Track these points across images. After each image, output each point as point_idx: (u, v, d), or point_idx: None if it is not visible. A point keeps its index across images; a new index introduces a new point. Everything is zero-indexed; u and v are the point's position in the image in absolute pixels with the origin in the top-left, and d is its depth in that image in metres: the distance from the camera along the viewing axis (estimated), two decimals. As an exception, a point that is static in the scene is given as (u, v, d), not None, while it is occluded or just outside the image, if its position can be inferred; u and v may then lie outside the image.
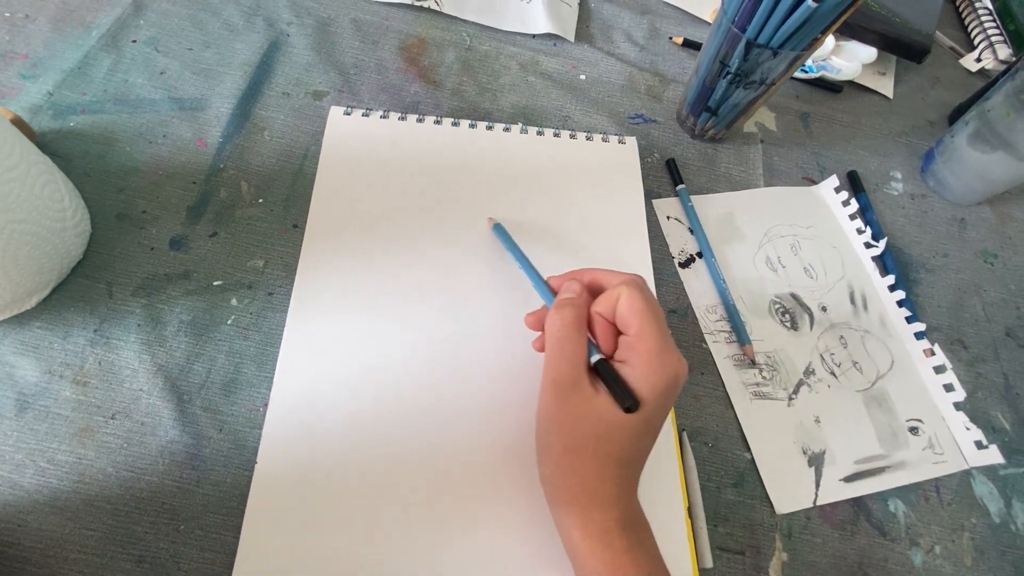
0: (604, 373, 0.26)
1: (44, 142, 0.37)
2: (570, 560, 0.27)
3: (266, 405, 0.31)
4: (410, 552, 0.28)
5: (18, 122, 0.35)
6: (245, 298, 0.34)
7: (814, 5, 0.33)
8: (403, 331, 0.34)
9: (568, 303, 0.28)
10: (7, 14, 0.42)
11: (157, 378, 0.31)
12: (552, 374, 0.26)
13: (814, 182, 0.46)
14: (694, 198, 0.42)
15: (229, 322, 0.33)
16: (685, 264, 0.40)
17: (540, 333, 0.30)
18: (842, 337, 0.39)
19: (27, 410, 0.30)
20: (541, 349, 0.29)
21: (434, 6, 0.49)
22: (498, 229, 0.36)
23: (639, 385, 0.25)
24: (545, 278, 0.31)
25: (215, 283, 0.34)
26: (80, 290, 0.33)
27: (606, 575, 0.24)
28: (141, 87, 0.41)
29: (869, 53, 0.51)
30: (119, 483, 0.29)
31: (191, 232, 0.36)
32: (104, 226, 0.35)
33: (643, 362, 0.25)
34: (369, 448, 0.30)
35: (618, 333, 0.28)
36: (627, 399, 0.25)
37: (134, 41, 0.43)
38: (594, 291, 0.29)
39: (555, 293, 0.30)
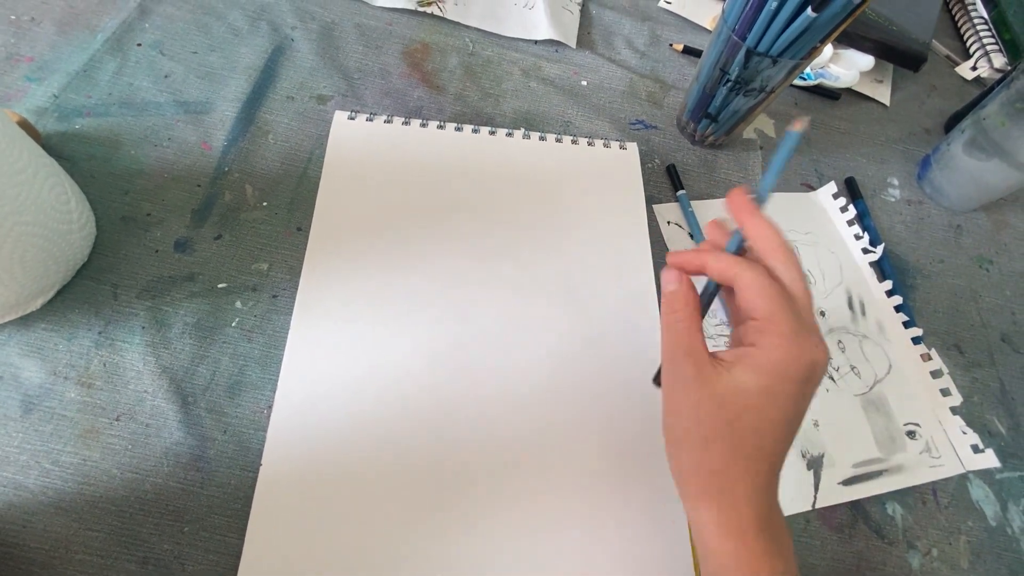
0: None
1: (49, 144, 0.37)
2: (700, 558, 0.25)
3: (270, 407, 0.31)
4: (415, 554, 0.28)
5: (24, 124, 0.36)
6: (249, 301, 0.34)
7: (814, 15, 0.33)
8: (407, 334, 0.34)
9: (674, 289, 0.27)
10: (13, 17, 0.42)
11: (162, 380, 0.31)
12: (668, 361, 0.26)
13: (812, 188, 0.46)
14: (694, 203, 0.43)
15: (233, 324, 0.33)
16: (685, 269, 0.40)
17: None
18: (840, 342, 0.39)
19: (32, 411, 0.30)
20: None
21: (437, 12, 0.49)
22: (791, 137, 0.27)
23: (772, 368, 0.23)
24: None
25: (220, 286, 0.34)
26: (85, 292, 0.33)
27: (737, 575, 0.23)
28: (146, 90, 0.41)
29: (867, 61, 0.51)
30: (124, 484, 0.29)
31: (196, 235, 0.36)
32: (109, 228, 0.35)
33: (775, 345, 0.23)
34: (373, 450, 0.30)
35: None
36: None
37: (139, 45, 0.43)
38: (697, 271, 0.28)
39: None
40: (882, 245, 0.43)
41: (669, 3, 0.55)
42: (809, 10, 0.33)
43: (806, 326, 0.24)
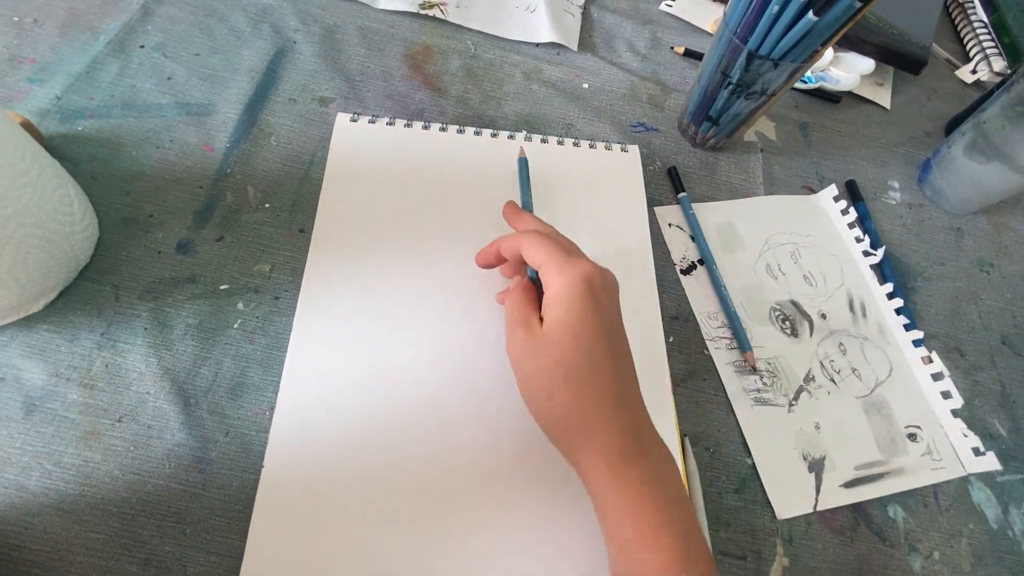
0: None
1: (52, 146, 0.37)
2: (593, 504, 0.27)
3: (272, 409, 0.31)
4: (417, 556, 0.28)
5: (27, 126, 0.36)
6: (251, 302, 0.34)
7: (815, 19, 0.33)
8: (410, 336, 0.34)
9: (517, 288, 0.30)
10: (15, 18, 0.42)
11: (163, 381, 0.31)
12: (507, 332, 0.29)
13: (813, 191, 0.47)
14: (695, 206, 0.43)
15: (235, 326, 0.33)
16: (687, 271, 0.40)
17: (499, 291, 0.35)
18: (841, 344, 0.39)
19: (34, 413, 0.30)
20: (502, 301, 0.33)
21: (439, 15, 0.49)
22: (522, 163, 0.38)
23: (555, 302, 0.27)
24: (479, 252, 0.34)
25: (222, 287, 0.34)
26: (87, 293, 0.33)
27: (624, 509, 0.24)
28: (148, 92, 0.41)
29: (867, 64, 0.52)
30: (125, 486, 0.29)
31: (198, 236, 0.36)
32: (111, 230, 0.35)
33: (554, 279, 0.27)
34: (376, 452, 0.30)
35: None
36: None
37: (142, 46, 0.43)
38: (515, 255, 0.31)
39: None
40: (883, 248, 0.43)
41: (670, 6, 0.55)
42: (811, 14, 0.33)
43: (573, 256, 0.28)
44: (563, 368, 0.26)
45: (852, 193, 0.47)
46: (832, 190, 0.45)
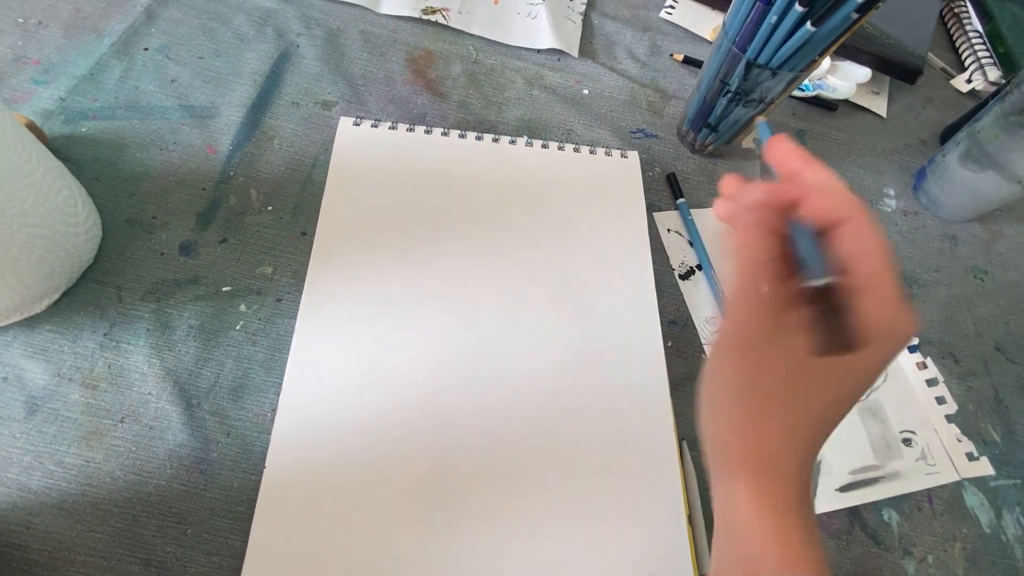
0: (834, 302, 0.20)
1: (55, 147, 0.37)
2: (725, 535, 0.23)
3: (274, 410, 0.31)
4: (419, 558, 0.29)
5: (31, 127, 0.36)
6: (254, 304, 0.34)
7: (813, 29, 0.34)
8: (410, 338, 0.34)
9: (760, 230, 0.21)
10: (20, 20, 0.43)
11: (166, 382, 0.31)
12: (739, 318, 0.22)
13: (810, 198, 0.47)
14: (694, 212, 0.43)
15: (238, 327, 0.34)
16: (685, 276, 0.41)
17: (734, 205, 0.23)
18: (838, 350, 0.40)
19: (36, 413, 0.30)
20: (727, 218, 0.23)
21: (442, 20, 0.50)
22: (763, 127, 0.26)
23: (874, 335, 0.20)
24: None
25: (224, 289, 0.35)
26: (90, 294, 0.33)
27: (774, 557, 0.21)
28: (152, 94, 0.41)
29: (864, 73, 0.52)
30: (127, 486, 0.29)
31: (200, 238, 0.36)
32: (114, 231, 0.35)
33: (878, 310, 0.20)
34: (377, 454, 0.31)
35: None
36: (854, 337, 0.19)
37: (145, 49, 0.43)
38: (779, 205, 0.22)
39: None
40: (879, 254, 0.43)
41: (670, 13, 0.56)
42: (809, 24, 0.34)
43: (902, 292, 0.20)
44: (798, 404, 0.21)
45: (848, 200, 0.48)
46: (829, 197, 0.46)
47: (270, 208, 0.38)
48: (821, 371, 0.20)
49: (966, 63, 0.60)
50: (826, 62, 0.52)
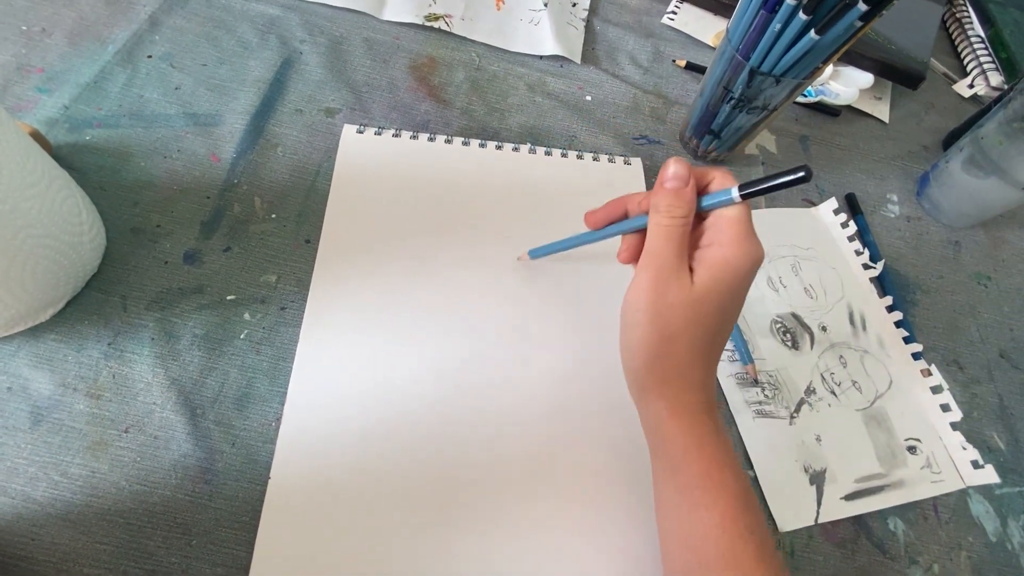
0: (758, 184, 0.25)
1: (60, 155, 0.38)
2: (651, 447, 0.29)
3: (279, 420, 0.31)
4: (424, 567, 0.29)
5: (35, 135, 0.36)
6: (258, 313, 0.34)
7: (817, 37, 0.34)
8: (415, 346, 0.34)
9: (682, 188, 0.27)
10: (24, 28, 0.43)
11: (170, 392, 0.31)
12: (658, 263, 0.27)
13: (813, 204, 0.47)
14: (697, 218, 0.43)
15: (242, 336, 0.34)
16: (689, 283, 0.41)
17: (627, 246, 0.31)
18: (842, 357, 0.40)
19: (41, 423, 0.30)
20: (629, 260, 0.31)
21: (444, 27, 0.50)
22: (535, 253, 0.37)
23: (728, 263, 0.26)
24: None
25: (228, 297, 0.35)
26: (94, 303, 0.33)
27: (693, 451, 0.26)
28: (156, 102, 0.41)
29: (866, 79, 0.52)
30: (132, 497, 0.29)
31: (205, 246, 0.36)
32: (119, 240, 0.35)
33: (733, 242, 0.26)
34: (382, 463, 0.31)
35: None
36: (800, 168, 0.24)
37: (149, 57, 0.43)
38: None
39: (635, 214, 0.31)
40: (882, 261, 0.43)
41: (672, 19, 0.56)
42: (812, 32, 0.34)
43: (753, 232, 0.27)
44: (698, 328, 0.26)
45: (851, 206, 0.48)
46: (832, 203, 0.46)
47: (274, 216, 0.38)
48: (710, 307, 0.26)
49: (968, 68, 0.60)
50: (829, 68, 0.52)
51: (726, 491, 0.25)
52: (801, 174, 0.24)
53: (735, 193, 0.26)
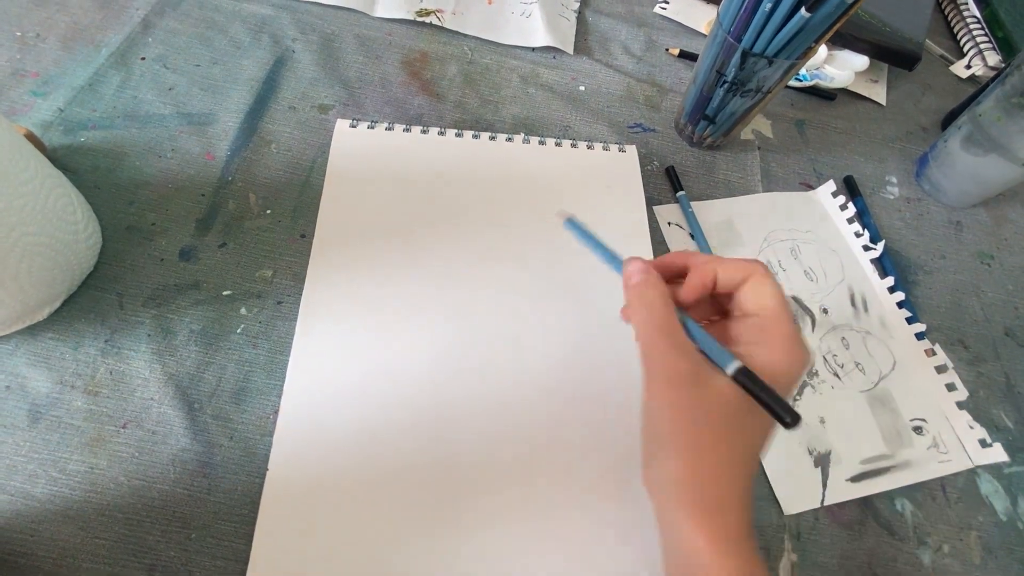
0: (756, 386, 0.22)
1: (55, 157, 0.38)
2: (677, 571, 0.24)
3: (276, 413, 0.31)
4: (423, 559, 0.28)
5: (30, 138, 0.36)
6: (254, 307, 0.34)
7: (808, 15, 0.34)
8: (411, 338, 0.34)
9: (646, 279, 0.25)
10: (18, 33, 0.43)
11: (168, 387, 0.31)
12: (664, 366, 0.24)
13: (811, 187, 0.47)
14: (694, 204, 0.43)
15: (239, 331, 0.34)
16: (687, 269, 0.40)
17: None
18: (844, 338, 0.39)
19: (39, 420, 0.30)
20: (628, 319, 0.27)
21: (436, 21, 0.50)
22: (571, 224, 0.32)
23: (778, 369, 0.23)
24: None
25: (224, 293, 0.35)
26: (91, 301, 0.33)
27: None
28: (150, 103, 0.41)
29: (861, 61, 0.52)
30: (131, 492, 0.29)
31: (200, 243, 0.36)
32: (114, 238, 0.35)
33: (780, 347, 0.24)
34: (380, 454, 0.30)
35: (712, 310, 0.27)
36: (789, 414, 0.22)
37: (143, 58, 0.43)
38: (678, 272, 0.27)
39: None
40: (883, 242, 0.43)
41: (664, 8, 0.56)
42: (803, 10, 0.33)
43: (798, 332, 0.24)
44: (737, 436, 0.23)
45: (850, 189, 0.48)
46: (830, 186, 0.45)
47: (269, 212, 0.38)
48: (750, 412, 0.23)
49: (965, 49, 0.60)
50: (823, 51, 0.52)
51: None
52: (787, 420, 0.22)
53: (730, 369, 0.23)
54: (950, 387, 0.38)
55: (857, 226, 0.44)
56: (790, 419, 0.21)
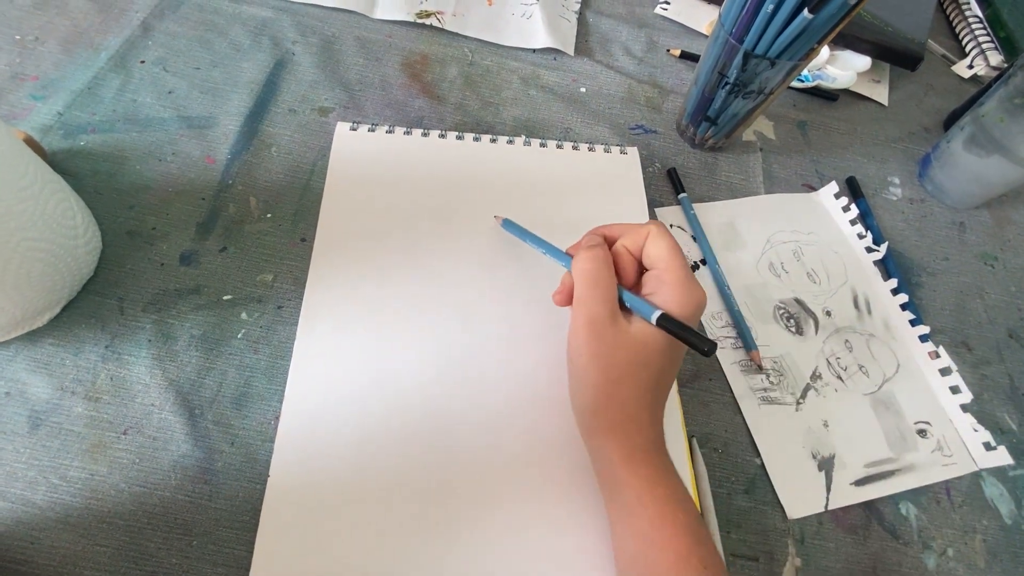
0: (672, 325, 0.27)
1: (55, 161, 0.38)
2: (604, 488, 0.28)
3: (278, 418, 0.31)
4: (425, 564, 0.28)
5: (29, 142, 0.36)
6: (255, 312, 0.34)
7: (810, 16, 0.33)
8: (413, 342, 0.34)
9: (596, 245, 0.30)
10: (18, 36, 0.43)
11: (168, 393, 0.31)
12: (587, 312, 0.28)
13: (813, 189, 0.47)
14: (696, 206, 0.43)
15: (239, 336, 0.33)
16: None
17: (562, 289, 0.32)
18: (847, 341, 0.39)
19: (40, 427, 0.30)
20: (563, 303, 0.32)
21: (436, 23, 0.50)
22: (508, 224, 0.37)
23: (675, 311, 0.27)
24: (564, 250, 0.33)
25: (225, 297, 0.35)
26: (91, 306, 0.33)
27: (645, 493, 0.26)
28: (150, 106, 0.41)
29: (863, 62, 0.52)
30: (131, 499, 0.29)
31: (201, 247, 0.36)
32: (115, 243, 0.35)
33: (673, 291, 0.28)
34: (382, 459, 0.30)
35: (641, 269, 0.30)
36: (705, 343, 0.26)
37: (142, 62, 0.43)
38: (610, 242, 0.31)
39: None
40: (885, 244, 0.43)
41: (665, 9, 0.56)
42: (806, 11, 0.33)
43: (693, 277, 0.28)
44: (643, 370, 0.27)
45: (852, 190, 0.47)
46: (832, 187, 0.45)
47: (269, 216, 0.38)
48: (655, 349, 0.27)
49: (967, 49, 0.60)
50: (825, 52, 0.51)
51: (679, 529, 0.26)
52: (705, 349, 0.26)
53: (653, 317, 0.27)
54: (954, 390, 0.37)
55: (860, 227, 0.44)
56: (707, 347, 0.26)
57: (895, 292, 0.41)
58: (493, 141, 0.43)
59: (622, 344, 0.27)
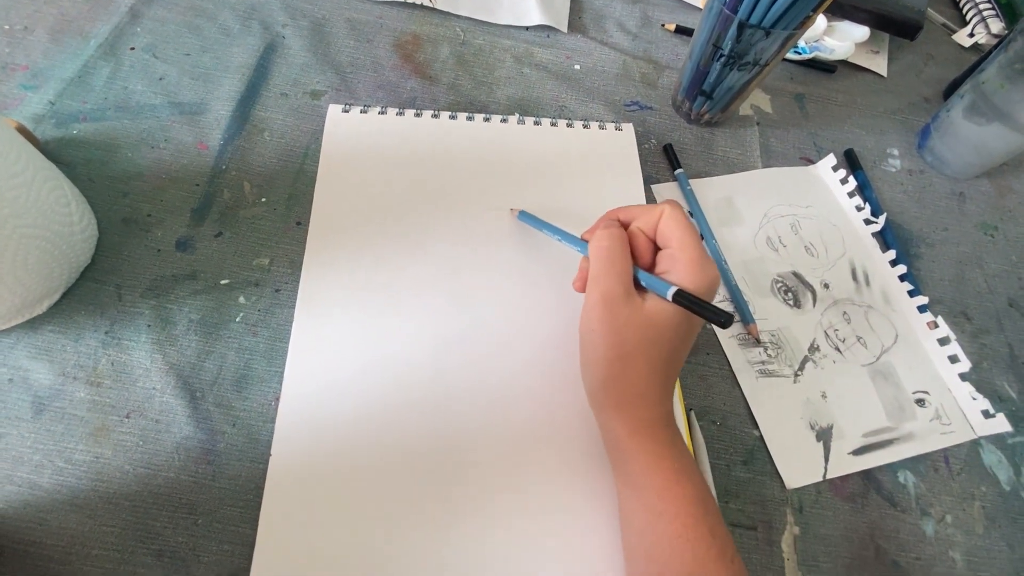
0: (690, 300, 0.26)
1: (48, 150, 0.38)
2: (613, 464, 0.29)
3: (278, 399, 0.31)
4: (426, 540, 0.29)
5: (22, 131, 0.36)
6: (252, 295, 0.34)
7: (804, -17, 0.33)
8: (410, 322, 0.34)
9: (612, 226, 0.30)
10: (6, 26, 0.43)
11: (169, 376, 0.31)
12: (602, 288, 0.28)
13: (811, 162, 0.46)
14: (693, 182, 0.43)
15: (238, 319, 0.34)
16: (686, 247, 0.40)
17: (580, 275, 0.32)
18: (845, 313, 0.39)
19: (43, 412, 0.30)
20: (583, 289, 0.31)
21: (427, 3, 0.49)
22: (524, 215, 0.37)
23: (689, 289, 0.27)
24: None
25: (222, 282, 0.35)
26: (90, 293, 0.33)
27: (652, 466, 0.27)
28: (141, 93, 0.41)
29: (862, 32, 0.51)
30: (136, 480, 0.29)
31: (196, 233, 0.36)
32: (111, 230, 0.35)
33: (687, 269, 0.27)
34: (381, 437, 0.31)
35: (655, 249, 0.30)
36: (722, 315, 0.25)
37: (132, 48, 0.43)
38: (625, 224, 0.31)
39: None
40: (884, 215, 0.42)
41: (660, -16, 0.55)
42: (800, -22, 0.33)
43: (708, 256, 0.28)
44: (654, 348, 0.27)
45: (851, 162, 0.47)
46: (830, 160, 0.45)
47: (264, 200, 0.38)
48: (667, 326, 0.27)
49: (967, 17, 0.58)
50: (822, 22, 0.51)
51: (686, 501, 0.26)
52: (723, 320, 0.25)
53: (669, 293, 0.27)
54: (953, 359, 0.37)
55: (858, 200, 0.43)
56: (724, 319, 0.25)
57: (893, 263, 0.41)
58: (486, 120, 0.43)
59: (635, 322, 0.27)
